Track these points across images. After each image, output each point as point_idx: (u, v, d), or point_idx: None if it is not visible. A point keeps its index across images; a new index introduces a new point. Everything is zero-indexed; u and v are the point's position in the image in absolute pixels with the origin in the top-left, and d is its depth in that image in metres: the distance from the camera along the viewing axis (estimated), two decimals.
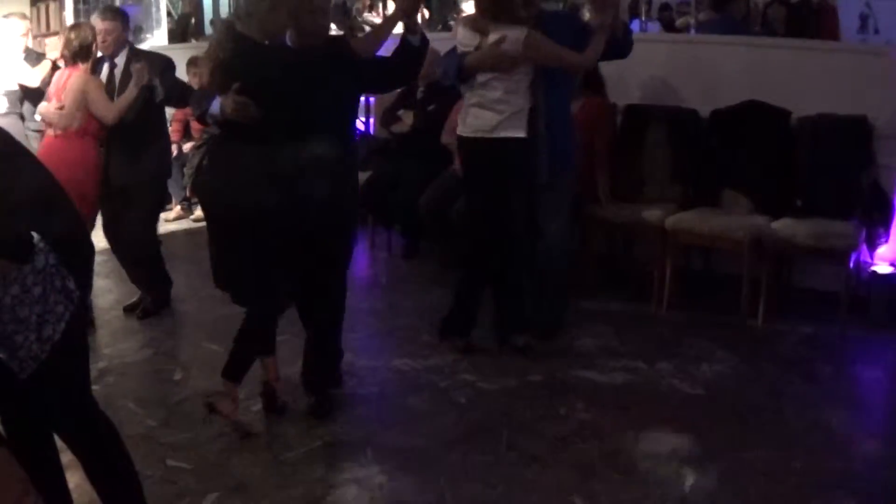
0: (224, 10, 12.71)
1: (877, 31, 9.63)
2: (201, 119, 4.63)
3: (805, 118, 6.66)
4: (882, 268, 6.37)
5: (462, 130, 5.55)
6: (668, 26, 10.72)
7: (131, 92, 5.98)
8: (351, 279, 5.70)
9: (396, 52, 4.84)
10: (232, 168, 4.46)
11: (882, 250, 6.38)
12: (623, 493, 4.13)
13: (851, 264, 6.17)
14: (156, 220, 6.69)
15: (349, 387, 5.26)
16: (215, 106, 4.40)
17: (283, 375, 4.99)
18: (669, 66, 7.37)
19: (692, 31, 8.61)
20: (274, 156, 4.38)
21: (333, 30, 7.37)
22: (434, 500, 4.03)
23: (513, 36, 5.28)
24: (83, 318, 3.16)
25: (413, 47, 4.80)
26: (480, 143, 5.43)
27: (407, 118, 7.83)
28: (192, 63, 9.12)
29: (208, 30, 13.54)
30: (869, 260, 6.41)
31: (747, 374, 5.52)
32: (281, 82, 4.43)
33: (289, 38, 4.69)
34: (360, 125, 8.49)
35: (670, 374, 5.48)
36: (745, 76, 6.92)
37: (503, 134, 5.36)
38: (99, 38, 6.12)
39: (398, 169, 7.65)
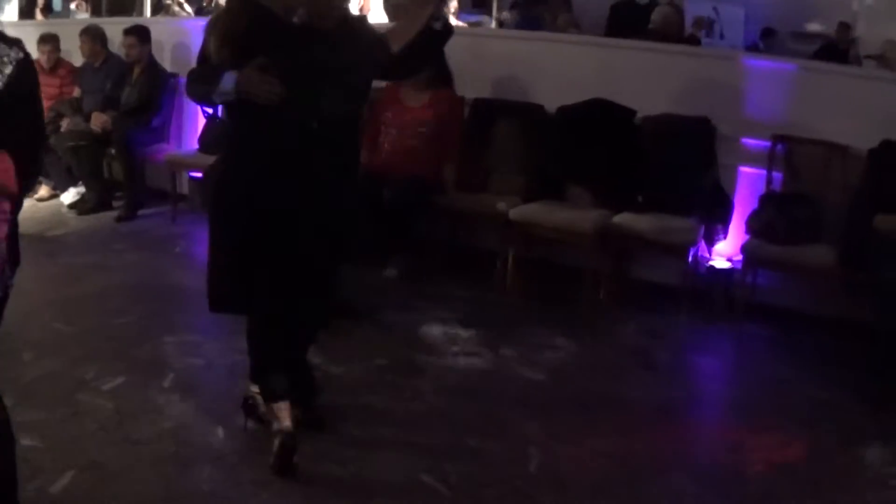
0: None
1: (722, 37, 10.01)
2: (205, 99, 4.31)
3: (649, 117, 6.87)
4: (719, 262, 6.63)
5: None
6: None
7: None
8: (196, 263, 5.61)
9: (418, 36, 4.33)
10: (259, 156, 4.06)
11: (720, 246, 6.65)
12: (472, 475, 4.20)
13: (690, 259, 6.42)
14: None
15: (196, 367, 5.22)
16: (228, 83, 3.91)
17: None
18: (520, 62, 7.51)
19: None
20: (290, 138, 4.02)
21: None
22: (287, 481, 4.02)
23: None
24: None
25: (435, 32, 4.36)
26: None
27: None
28: (43, 41, 8.90)
29: (58, 5, 13.26)
30: (707, 255, 6.67)
31: (589, 360, 5.67)
32: (305, 59, 4.01)
33: (297, 16, 4.16)
34: (208, 108, 8.40)
35: (514, 360, 5.59)
36: (594, 75, 7.08)
37: None
38: None
39: None
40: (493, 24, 10.36)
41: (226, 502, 3.89)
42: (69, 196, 8.63)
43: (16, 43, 2.99)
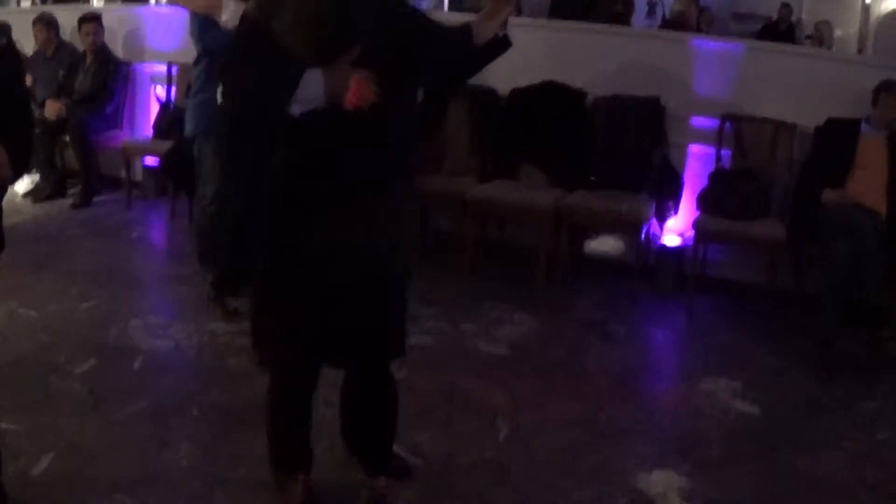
0: None
1: (664, 18, 10.15)
2: (270, 114, 3.08)
3: (600, 98, 7.03)
4: (670, 239, 6.80)
5: None
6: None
7: None
8: (152, 248, 5.57)
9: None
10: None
11: (671, 223, 6.83)
12: (443, 446, 4.33)
13: (642, 235, 6.59)
14: None
15: (164, 349, 5.29)
16: (313, 85, 3.01)
17: None
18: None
19: None
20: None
21: None
22: (262, 453, 4.05)
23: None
24: None
25: (497, 40, 3.54)
26: None
27: None
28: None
29: None
30: (659, 231, 6.85)
31: (548, 334, 5.82)
32: (405, 41, 3.12)
33: None
34: (161, 94, 8.43)
35: (475, 334, 5.72)
36: (545, 58, 7.17)
37: None
38: None
39: None
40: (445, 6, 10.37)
41: (205, 477, 3.95)
42: (23, 184, 8.61)
43: (1, 31, 2.99)
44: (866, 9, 11.55)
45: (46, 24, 8.96)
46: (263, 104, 3.06)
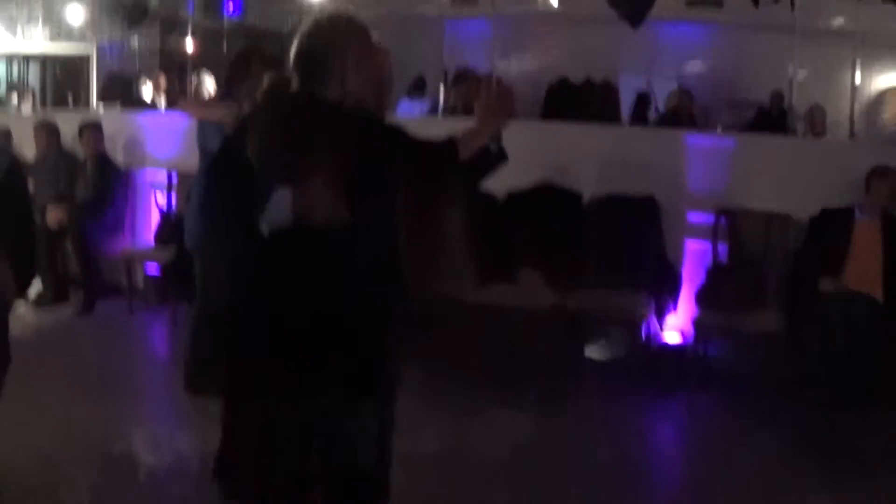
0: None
1: (657, 111, 10.26)
2: (239, 228, 3.16)
3: (596, 198, 7.12)
4: (671, 336, 6.82)
5: None
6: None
7: None
8: (154, 357, 5.51)
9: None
10: None
11: (671, 320, 6.87)
12: None
13: (642, 333, 6.62)
14: None
15: (168, 461, 5.26)
16: (281, 203, 3.02)
17: None
18: None
19: None
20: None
21: None
22: None
23: None
24: None
25: (487, 155, 3.41)
26: None
27: None
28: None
29: (1, 93, 13.25)
30: (659, 328, 6.86)
31: (551, 436, 5.83)
32: (393, 162, 3.15)
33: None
34: (162, 202, 8.48)
35: (476, 438, 5.69)
36: (539, 158, 7.23)
37: None
38: None
39: None
40: (440, 108, 10.46)
41: None
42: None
43: (3, 148, 3.01)
44: (856, 89, 11.66)
45: (48, 130, 9.06)
46: (230, 219, 3.20)
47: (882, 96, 12.86)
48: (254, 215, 3.02)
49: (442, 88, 10.52)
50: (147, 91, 11.41)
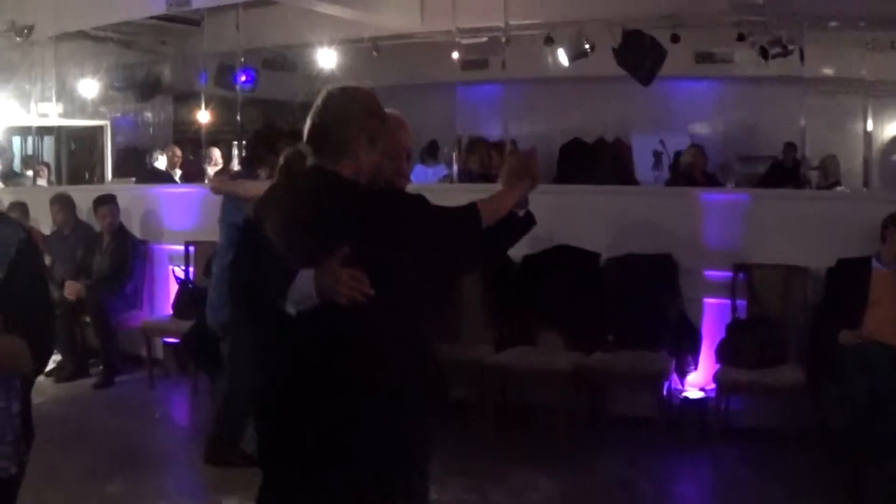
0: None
1: (671, 167, 10.29)
2: (267, 313, 3.04)
3: (613, 258, 7.12)
4: (692, 393, 6.79)
5: None
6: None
7: None
8: (176, 428, 5.51)
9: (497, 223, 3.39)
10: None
11: (692, 376, 6.83)
12: None
13: (664, 391, 6.58)
14: None
15: None
16: (305, 284, 2.90)
17: None
18: None
19: None
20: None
21: None
22: None
23: None
24: None
25: (515, 220, 3.49)
26: None
27: None
28: (12, 209, 9.00)
29: (17, 166, 13.32)
30: (680, 386, 6.84)
31: (574, 498, 5.80)
32: (412, 236, 3.06)
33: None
34: (180, 273, 8.51)
35: (501, 503, 5.68)
36: (554, 221, 7.02)
37: None
38: None
39: None
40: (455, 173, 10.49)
41: None
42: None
43: (18, 223, 3.02)
44: (869, 136, 11.70)
45: (64, 203, 9.14)
46: (255, 300, 3.13)
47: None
48: (279, 295, 2.93)
49: (455, 154, 10.60)
50: (161, 163, 11.50)
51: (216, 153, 10.52)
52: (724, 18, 10.36)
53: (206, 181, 9.65)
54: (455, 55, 10.10)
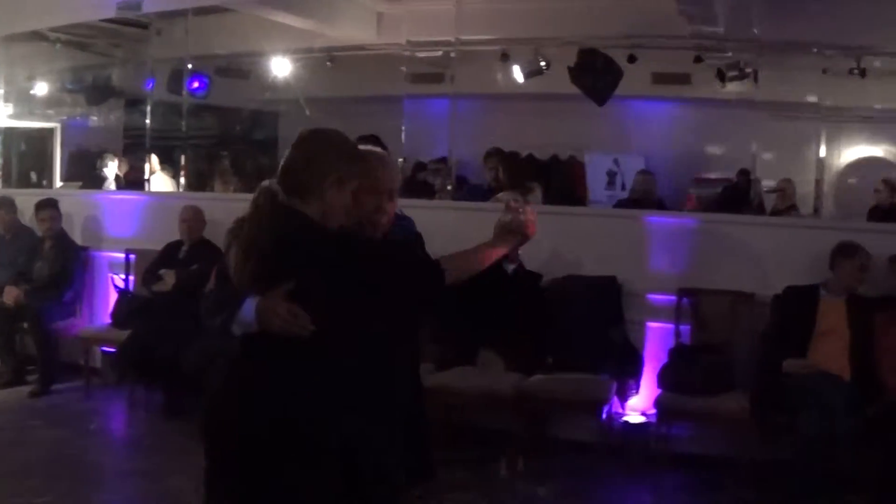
0: None
1: (623, 188, 10.27)
2: (223, 331, 3.19)
3: (555, 280, 7.05)
4: (634, 417, 6.72)
5: None
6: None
7: None
8: (112, 439, 5.43)
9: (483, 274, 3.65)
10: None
11: (633, 401, 6.77)
12: None
13: (604, 415, 6.51)
14: None
15: None
16: (249, 311, 3.08)
17: None
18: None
19: None
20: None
21: None
22: None
23: None
24: None
25: (503, 276, 3.74)
26: None
27: (169, 277, 7.76)
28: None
29: None
30: (621, 410, 6.76)
31: None
32: (362, 281, 3.13)
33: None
34: (119, 282, 8.39)
35: None
36: None
37: None
38: None
39: (160, 328, 7.51)
40: None
41: None
42: None
43: None
44: (821, 162, 11.72)
45: (8, 207, 8.99)
46: (213, 321, 3.25)
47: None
48: (228, 316, 3.13)
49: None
50: (111, 168, 11.34)
51: (154, 159, 10.44)
52: (682, 41, 10.35)
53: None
54: (403, 68, 10.05)
